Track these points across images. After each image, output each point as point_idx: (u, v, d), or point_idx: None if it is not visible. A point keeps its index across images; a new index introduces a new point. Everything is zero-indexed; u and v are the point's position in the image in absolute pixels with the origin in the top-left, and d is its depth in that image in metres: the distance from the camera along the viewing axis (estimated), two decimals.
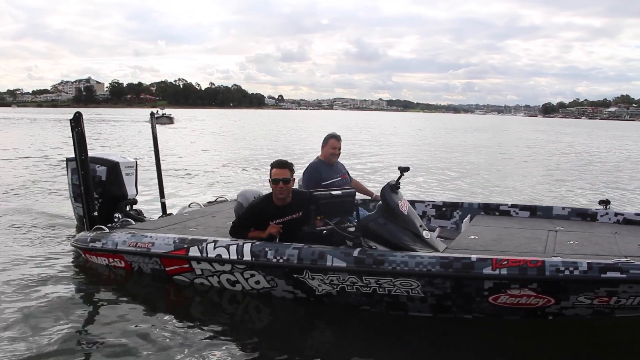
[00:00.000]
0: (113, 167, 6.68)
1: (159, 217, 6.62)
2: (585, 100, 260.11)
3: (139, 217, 6.70)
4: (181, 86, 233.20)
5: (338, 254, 4.20)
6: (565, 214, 5.69)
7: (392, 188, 4.51)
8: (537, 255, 3.97)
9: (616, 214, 5.49)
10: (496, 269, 3.72)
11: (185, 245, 4.77)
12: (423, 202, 6.37)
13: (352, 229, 4.51)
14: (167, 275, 4.98)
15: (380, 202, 4.47)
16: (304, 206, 4.66)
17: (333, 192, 4.52)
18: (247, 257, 4.47)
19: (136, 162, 7.09)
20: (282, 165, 4.59)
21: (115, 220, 6.20)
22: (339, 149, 5.68)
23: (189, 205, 7.00)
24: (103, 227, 5.55)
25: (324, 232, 4.61)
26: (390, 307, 4.24)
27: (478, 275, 3.77)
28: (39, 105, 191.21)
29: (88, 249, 5.39)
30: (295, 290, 4.49)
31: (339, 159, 5.81)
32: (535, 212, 5.84)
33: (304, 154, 18.65)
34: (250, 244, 4.54)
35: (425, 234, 4.51)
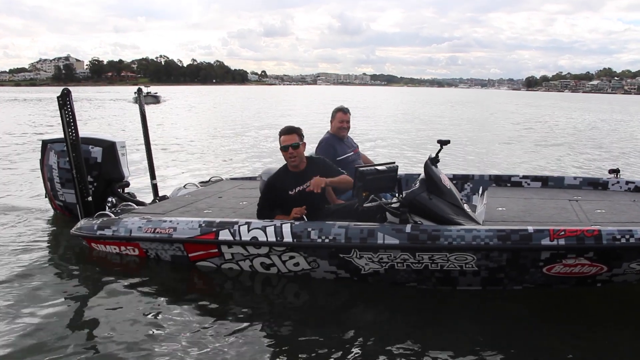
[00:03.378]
0: (110, 148, 6.12)
1: (155, 200, 6.18)
2: (568, 73, 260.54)
3: (138, 200, 6.24)
4: (163, 63, 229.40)
5: (389, 231, 4.02)
6: (577, 184, 5.71)
7: (433, 162, 4.33)
8: (574, 225, 3.98)
9: (627, 182, 5.58)
10: (554, 239, 3.70)
11: (214, 229, 4.43)
12: None
13: (395, 205, 4.24)
14: (189, 262, 4.63)
15: (423, 176, 4.26)
16: (319, 173, 4.49)
17: (379, 168, 4.24)
18: (288, 238, 4.20)
19: (125, 142, 6.50)
20: (289, 131, 4.45)
21: (109, 204, 5.76)
22: (348, 121, 5.49)
23: (184, 186, 6.58)
24: (108, 213, 5.17)
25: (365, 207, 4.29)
26: (439, 282, 4.13)
27: (536, 247, 3.73)
28: (17, 84, 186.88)
29: (95, 237, 4.95)
30: (339, 271, 4.25)
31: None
32: (547, 182, 5.84)
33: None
34: (289, 224, 4.25)
35: (466, 206, 4.39)
